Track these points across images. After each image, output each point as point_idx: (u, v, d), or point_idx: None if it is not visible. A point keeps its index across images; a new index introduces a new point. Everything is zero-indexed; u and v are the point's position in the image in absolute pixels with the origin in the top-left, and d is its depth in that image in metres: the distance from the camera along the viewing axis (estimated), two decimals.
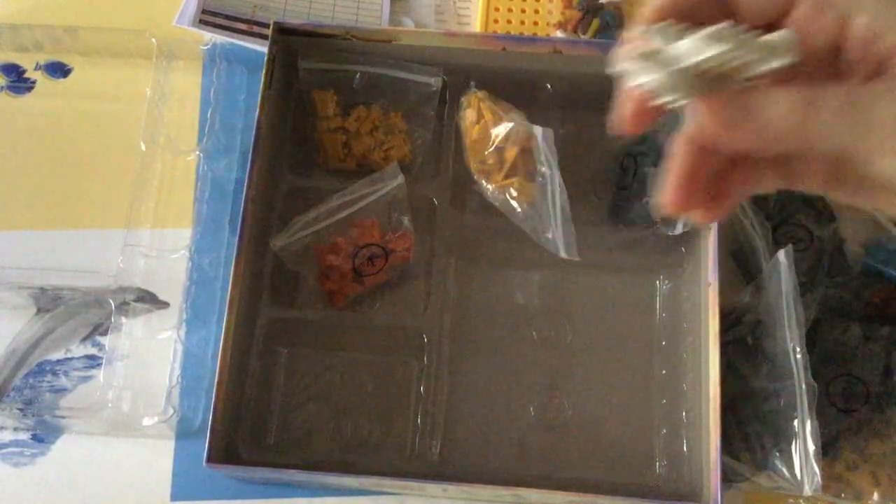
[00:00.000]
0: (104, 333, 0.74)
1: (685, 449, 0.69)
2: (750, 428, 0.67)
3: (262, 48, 0.75)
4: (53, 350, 0.73)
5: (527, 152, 0.71)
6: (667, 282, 0.74)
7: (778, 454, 0.65)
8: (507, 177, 0.71)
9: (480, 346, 0.73)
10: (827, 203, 0.76)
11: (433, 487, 0.66)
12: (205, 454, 0.62)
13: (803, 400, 0.64)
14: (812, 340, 0.68)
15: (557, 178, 0.69)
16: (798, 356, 0.65)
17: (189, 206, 0.78)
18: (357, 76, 0.76)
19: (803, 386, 0.64)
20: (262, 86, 0.71)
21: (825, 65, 0.38)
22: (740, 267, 0.74)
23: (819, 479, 0.63)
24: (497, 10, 0.82)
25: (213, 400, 0.64)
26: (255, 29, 0.82)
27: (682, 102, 0.37)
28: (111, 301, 0.72)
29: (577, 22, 0.81)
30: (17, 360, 0.72)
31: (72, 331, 0.74)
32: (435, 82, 0.75)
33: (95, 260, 0.76)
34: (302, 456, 0.70)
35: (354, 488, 0.69)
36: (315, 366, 0.72)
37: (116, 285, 0.73)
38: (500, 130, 0.70)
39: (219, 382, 0.64)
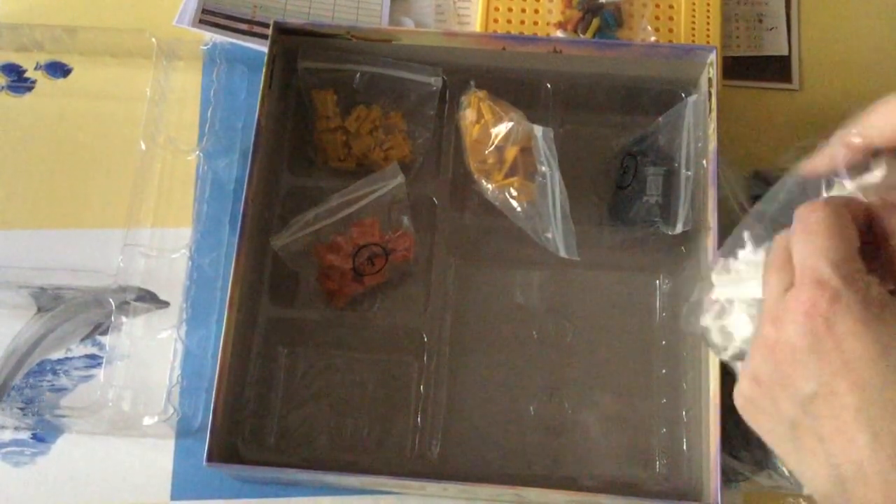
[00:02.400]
0: (104, 333, 0.74)
1: (685, 449, 0.69)
2: (750, 427, 0.67)
3: (263, 48, 0.75)
4: (54, 349, 0.73)
5: (527, 152, 0.71)
6: (667, 281, 0.74)
7: None
8: (507, 176, 0.71)
9: (480, 346, 0.73)
10: None
11: (433, 487, 0.66)
12: (205, 453, 0.63)
13: None
14: None
15: (557, 178, 0.69)
16: None
17: (189, 205, 0.78)
18: (357, 76, 0.76)
19: None
20: (262, 86, 0.71)
21: None
22: None
23: None
24: (497, 9, 0.82)
25: (213, 399, 0.64)
26: (256, 29, 0.82)
27: None
28: (111, 300, 0.72)
29: (577, 21, 0.81)
30: (17, 360, 0.72)
31: (72, 330, 0.73)
32: (435, 82, 0.75)
33: (95, 259, 0.76)
34: (302, 455, 0.70)
35: (354, 487, 0.69)
36: (315, 365, 0.72)
37: (116, 285, 0.73)
38: (500, 130, 0.71)
39: (219, 382, 0.64)
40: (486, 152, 0.71)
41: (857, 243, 0.40)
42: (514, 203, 0.71)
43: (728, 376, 0.67)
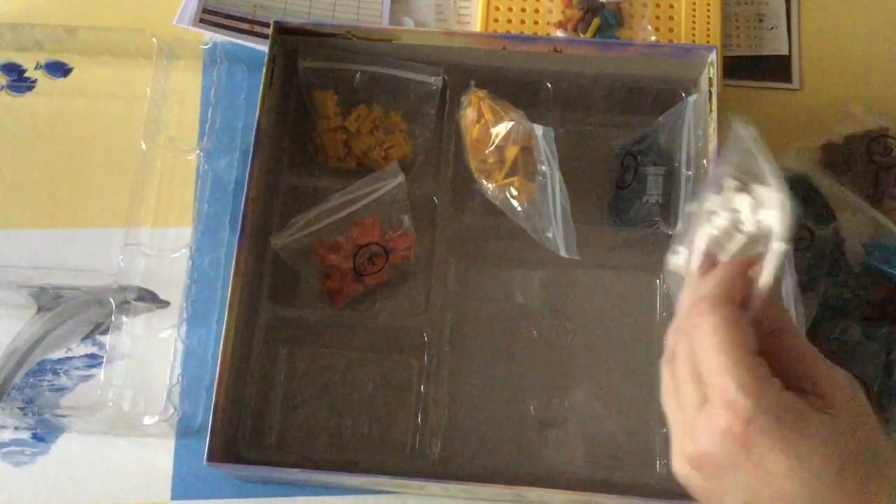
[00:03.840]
0: (105, 332, 0.74)
1: None
2: None
3: (263, 47, 0.75)
4: (54, 349, 0.73)
5: (527, 151, 0.71)
6: (667, 281, 0.74)
7: None
8: (507, 176, 0.71)
9: (480, 346, 0.72)
10: (827, 202, 0.76)
11: (433, 486, 0.66)
12: (205, 453, 0.63)
13: None
14: (812, 339, 0.67)
15: (557, 177, 0.69)
16: None
17: (189, 205, 0.78)
18: (357, 75, 0.76)
19: None
20: (262, 85, 0.71)
21: None
22: None
23: None
24: (497, 9, 0.82)
25: (213, 399, 0.64)
26: (256, 28, 0.82)
27: None
28: (112, 300, 0.72)
29: (578, 21, 0.81)
30: (17, 360, 0.72)
31: (72, 330, 0.73)
32: (435, 81, 0.75)
33: (96, 259, 0.76)
34: (302, 455, 0.70)
35: (355, 487, 0.69)
36: (315, 365, 0.72)
37: (117, 284, 0.73)
38: (500, 129, 0.71)
39: (219, 381, 0.64)
40: (487, 152, 0.71)
41: (755, 345, 0.40)
42: (515, 202, 0.71)
43: None
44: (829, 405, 0.40)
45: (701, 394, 0.41)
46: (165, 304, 0.74)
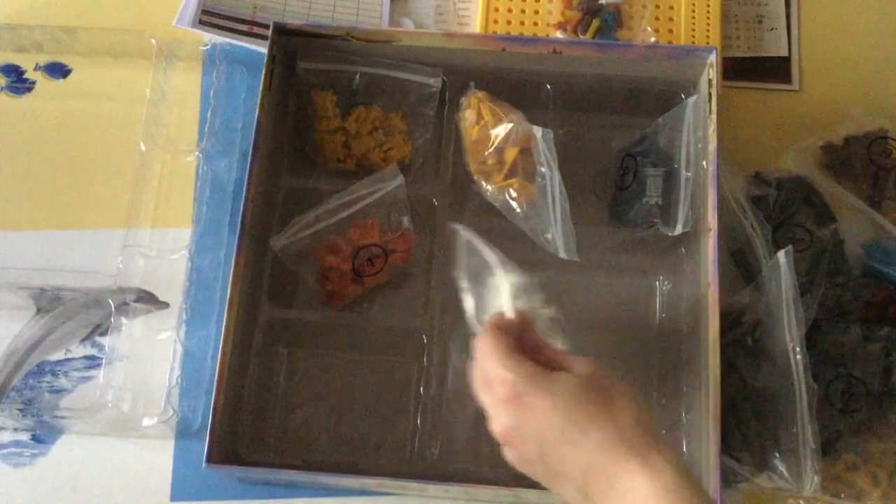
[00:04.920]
0: (104, 334, 0.74)
1: (685, 450, 0.69)
2: (750, 428, 0.67)
3: (262, 49, 0.75)
4: (53, 350, 0.73)
5: (526, 153, 0.71)
6: (667, 282, 0.74)
7: (778, 454, 0.65)
8: (506, 177, 0.71)
9: None
10: (827, 204, 0.76)
11: (433, 488, 0.66)
12: (205, 454, 0.63)
13: (803, 400, 0.64)
14: (812, 341, 0.68)
15: (557, 179, 0.69)
16: (798, 356, 0.65)
17: (189, 206, 0.78)
18: (357, 77, 0.76)
19: (803, 386, 0.64)
20: (261, 86, 0.71)
21: None
22: (740, 267, 0.74)
23: (818, 479, 0.63)
24: (497, 10, 0.82)
25: (212, 400, 0.64)
26: (255, 29, 0.82)
27: None
28: (111, 301, 0.72)
29: (577, 22, 0.81)
30: (16, 361, 0.72)
31: (72, 331, 0.74)
32: (435, 83, 0.75)
33: (95, 260, 0.76)
34: (301, 456, 0.70)
35: (354, 488, 0.69)
36: (315, 366, 0.72)
37: (116, 286, 0.73)
38: (499, 131, 0.71)
39: (218, 382, 0.64)
40: (486, 153, 0.71)
41: (510, 346, 0.56)
42: (514, 204, 0.71)
43: (728, 377, 0.67)
44: (570, 370, 0.56)
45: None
46: (164, 305, 0.74)
